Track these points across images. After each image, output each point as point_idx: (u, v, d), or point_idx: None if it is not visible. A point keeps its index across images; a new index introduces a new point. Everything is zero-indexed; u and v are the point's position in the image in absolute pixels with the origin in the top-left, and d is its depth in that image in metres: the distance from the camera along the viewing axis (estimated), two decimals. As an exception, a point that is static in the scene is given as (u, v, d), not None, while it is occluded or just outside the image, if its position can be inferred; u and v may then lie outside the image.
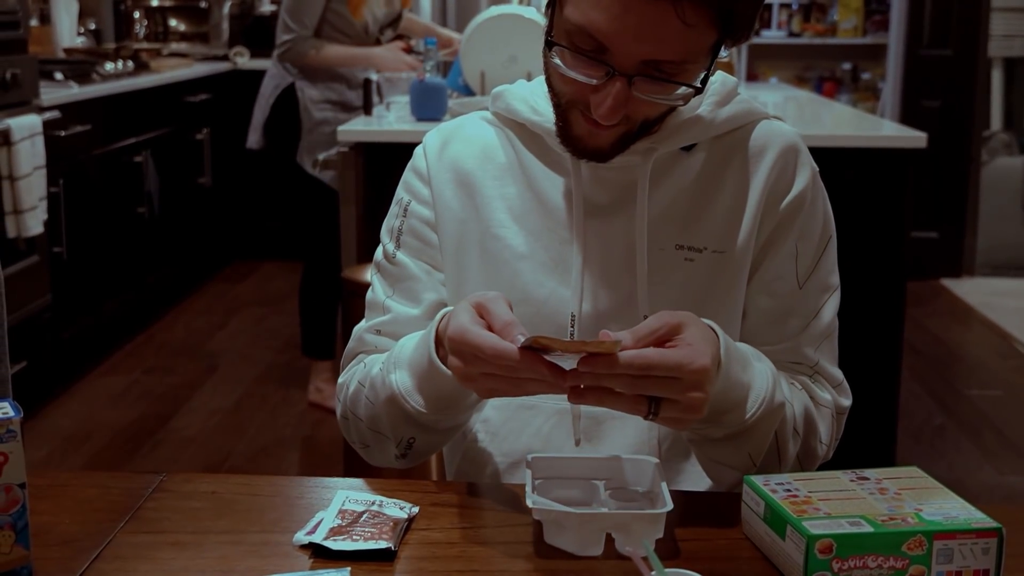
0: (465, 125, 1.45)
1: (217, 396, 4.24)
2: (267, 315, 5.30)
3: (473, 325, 1.12)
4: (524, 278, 1.35)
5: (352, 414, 1.38)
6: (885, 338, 3.27)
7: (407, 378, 1.26)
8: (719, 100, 1.35)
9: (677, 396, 1.10)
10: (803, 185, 1.36)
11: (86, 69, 4.68)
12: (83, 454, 3.69)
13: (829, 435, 1.35)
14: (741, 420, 1.22)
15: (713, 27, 1.18)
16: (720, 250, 1.33)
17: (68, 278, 4.22)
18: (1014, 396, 4.35)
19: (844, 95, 6.76)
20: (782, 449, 1.28)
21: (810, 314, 1.36)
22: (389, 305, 1.41)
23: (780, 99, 4.52)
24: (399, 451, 1.33)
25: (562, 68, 1.22)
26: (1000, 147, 6.37)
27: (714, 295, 1.34)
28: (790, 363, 1.35)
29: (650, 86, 1.20)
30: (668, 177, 1.34)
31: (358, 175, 3.30)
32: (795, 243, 1.35)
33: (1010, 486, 3.54)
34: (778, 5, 6.84)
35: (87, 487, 1.28)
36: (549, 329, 1.32)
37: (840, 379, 1.39)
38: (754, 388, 1.22)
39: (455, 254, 1.39)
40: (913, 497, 1.11)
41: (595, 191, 1.34)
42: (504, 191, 1.38)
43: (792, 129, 1.40)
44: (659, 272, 1.33)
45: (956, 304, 5.64)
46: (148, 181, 4.97)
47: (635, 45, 1.16)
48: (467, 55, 3.60)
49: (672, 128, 1.32)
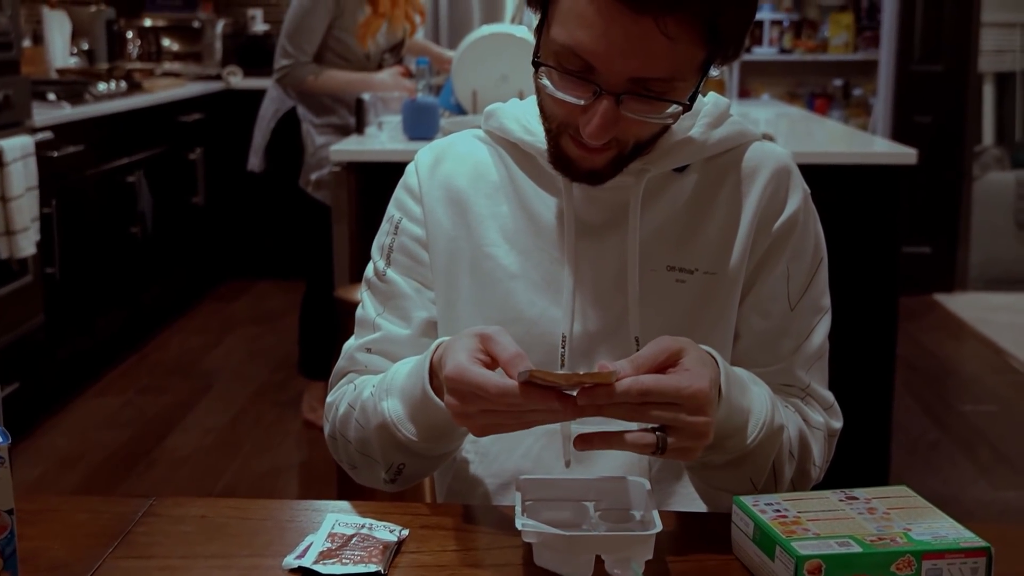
0: (457, 143, 1.44)
1: (211, 416, 4.23)
2: (261, 334, 5.30)
3: (472, 364, 1.11)
4: (516, 297, 1.35)
5: (341, 435, 1.37)
6: (879, 353, 3.28)
7: (399, 406, 1.26)
8: (712, 121, 1.35)
9: (680, 423, 1.09)
10: (795, 207, 1.36)
11: (79, 89, 4.69)
12: (77, 474, 3.68)
13: (822, 458, 1.35)
14: (743, 445, 1.21)
15: (700, 44, 1.17)
16: (712, 271, 1.33)
17: (61, 298, 4.22)
18: (1008, 411, 4.35)
19: (836, 111, 6.78)
20: (779, 473, 1.28)
21: (802, 336, 1.36)
22: (379, 323, 1.40)
23: (772, 116, 4.53)
24: (388, 476, 1.33)
25: (550, 89, 1.22)
26: (992, 162, 6.39)
27: (706, 317, 1.34)
28: (782, 385, 1.35)
29: (638, 104, 1.19)
30: (660, 198, 1.34)
31: (351, 194, 3.31)
32: (787, 264, 1.35)
33: (1005, 501, 3.54)
34: (769, 22, 6.87)
35: (77, 511, 1.27)
36: (540, 349, 1.33)
37: (831, 401, 1.39)
38: (754, 412, 1.22)
39: (446, 272, 1.39)
40: (902, 517, 1.11)
41: (587, 211, 1.34)
42: (496, 210, 1.38)
43: (784, 151, 1.40)
44: (651, 293, 1.33)
45: (949, 319, 5.65)
46: (141, 201, 4.98)
47: (621, 62, 1.16)
48: (459, 74, 3.61)
49: (664, 149, 1.33)
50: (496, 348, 1.13)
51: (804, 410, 1.35)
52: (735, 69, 6.71)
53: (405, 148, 3.28)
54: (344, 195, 3.31)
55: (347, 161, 3.28)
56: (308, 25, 3.93)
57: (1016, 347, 5.07)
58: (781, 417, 1.26)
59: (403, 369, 1.28)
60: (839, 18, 6.79)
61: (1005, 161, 6.45)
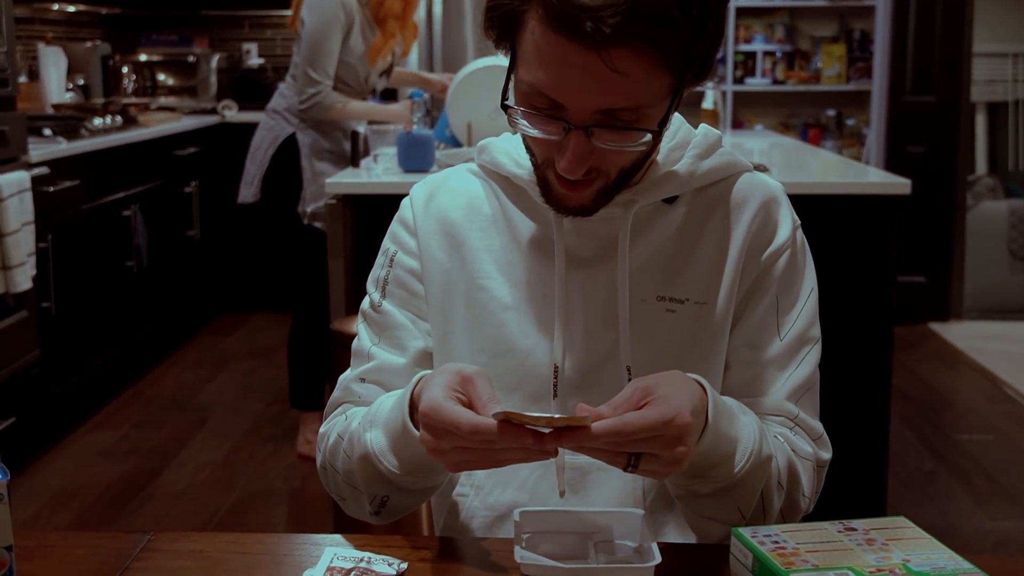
0: (451, 177, 1.46)
1: (206, 450, 4.22)
2: (256, 368, 5.29)
3: (447, 401, 1.12)
4: (509, 329, 1.36)
5: (330, 466, 1.38)
6: (874, 383, 3.28)
7: (382, 438, 1.26)
8: (701, 153, 1.36)
9: (659, 452, 1.09)
10: (784, 237, 1.37)
11: (74, 125, 4.70)
12: (72, 511, 3.67)
13: (811, 488, 1.35)
14: (731, 474, 1.21)
15: (660, 71, 1.17)
16: (702, 301, 1.34)
17: (57, 333, 4.21)
18: (1004, 441, 4.35)
19: (829, 141, 6.81)
20: (767, 503, 1.28)
21: (791, 366, 1.36)
22: (374, 353, 1.41)
23: (766, 146, 4.55)
24: (372, 508, 1.33)
25: (524, 128, 1.24)
26: (985, 191, 6.42)
27: (697, 346, 1.34)
28: (770, 415, 1.35)
29: (609, 135, 1.20)
30: (650, 229, 1.35)
31: (346, 227, 3.31)
32: (776, 295, 1.36)
33: (1002, 532, 3.53)
34: (762, 53, 6.90)
35: (75, 547, 1.27)
36: (533, 380, 1.34)
37: (820, 432, 1.38)
38: (741, 441, 1.22)
39: (441, 305, 1.40)
40: (901, 548, 1.11)
41: (578, 243, 1.35)
42: (490, 243, 1.39)
43: (775, 182, 1.41)
44: (641, 323, 1.33)
45: (944, 348, 5.66)
46: (137, 235, 4.98)
47: (582, 97, 1.17)
48: (454, 107, 3.62)
49: (653, 180, 1.34)
50: (473, 390, 1.14)
51: (793, 440, 1.34)
52: (728, 100, 6.74)
53: (400, 180, 3.29)
54: (339, 227, 3.31)
55: (342, 194, 3.29)
56: (327, 49, 3.96)
57: (1011, 376, 5.08)
58: (769, 447, 1.25)
59: (388, 401, 1.28)
60: (831, 49, 6.83)
61: (998, 190, 6.47)
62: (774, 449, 1.28)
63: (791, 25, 6.95)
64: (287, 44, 6.75)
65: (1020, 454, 4.21)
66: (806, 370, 1.37)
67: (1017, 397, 4.83)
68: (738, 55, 6.87)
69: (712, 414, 1.17)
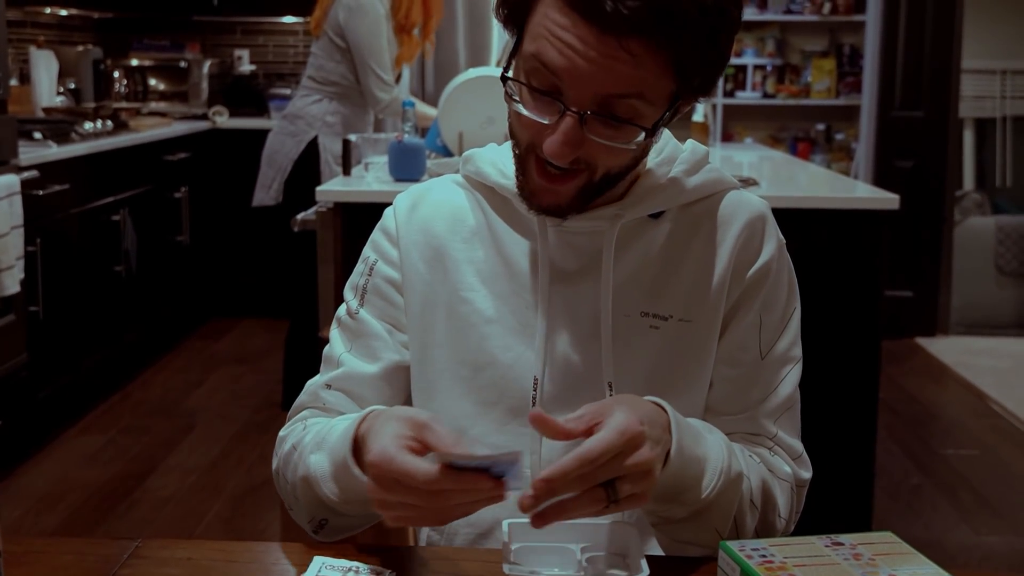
0: (435, 188, 1.46)
1: (194, 455, 4.21)
2: (244, 373, 5.28)
3: (399, 451, 1.07)
4: (491, 342, 1.36)
5: (282, 473, 1.37)
6: (861, 397, 3.29)
7: (325, 464, 1.24)
8: (688, 169, 1.37)
9: (624, 469, 1.07)
10: (769, 256, 1.37)
11: (65, 129, 4.69)
12: (58, 514, 3.66)
13: (788, 509, 1.35)
14: (699, 497, 1.21)
15: (666, 73, 1.19)
16: (686, 319, 1.34)
17: (45, 337, 4.20)
18: (990, 455, 4.36)
19: (818, 155, 6.83)
20: (739, 523, 1.28)
21: (771, 386, 1.36)
22: (344, 359, 1.41)
23: (755, 159, 4.56)
24: (311, 527, 1.32)
25: (518, 107, 1.24)
26: (972, 207, 6.44)
27: (680, 363, 1.34)
28: (749, 434, 1.36)
29: (603, 128, 1.20)
30: (635, 244, 1.35)
31: (336, 234, 3.31)
32: (759, 314, 1.36)
33: (987, 546, 3.54)
34: (752, 67, 6.93)
35: (63, 553, 1.27)
36: (514, 393, 1.34)
37: (800, 451, 1.38)
38: (710, 461, 1.22)
39: (420, 316, 1.40)
40: (887, 563, 1.12)
41: (562, 256, 1.35)
42: (472, 255, 1.39)
43: (761, 200, 1.41)
44: (624, 339, 1.33)
45: (931, 363, 5.67)
46: (126, 239, 4.98)
47: (586, 78, 1.17)
48: (445, 116, 3.63)
49: (639, 195, 1.34)
50: (432, 435, 1.10)
51: (770, 460, 1.34)
52: (719, 113, 6.76)
53: (391, 189, 3.29)
54: (330, 235, 3.31)
55: (333, 202, 3.29)
56: (383, 47, 4.04)
57: (997, 391, 5.09)
58: (740, 464, 1.25)
59: (339, 426, 1.25)
60: (821, 64, 6.85)
61: (985, 206, 6.50)
62: (746, 468, 1.28)
63: (782, 39, 6.98)
64: (279, 51, 6.76)
65: (1006, 469, 4.23)
66: (786, 390, 1.37)
67: (1003, 412, 4.85)
68: (728, 68, 6.88)
69: (676, 435, 1.16)
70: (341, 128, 4.16)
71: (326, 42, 4.19)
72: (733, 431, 1.34)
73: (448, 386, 1.37)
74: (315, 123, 4.11)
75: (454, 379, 1.37)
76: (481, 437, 1.36)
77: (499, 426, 1.36)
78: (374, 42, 4.00)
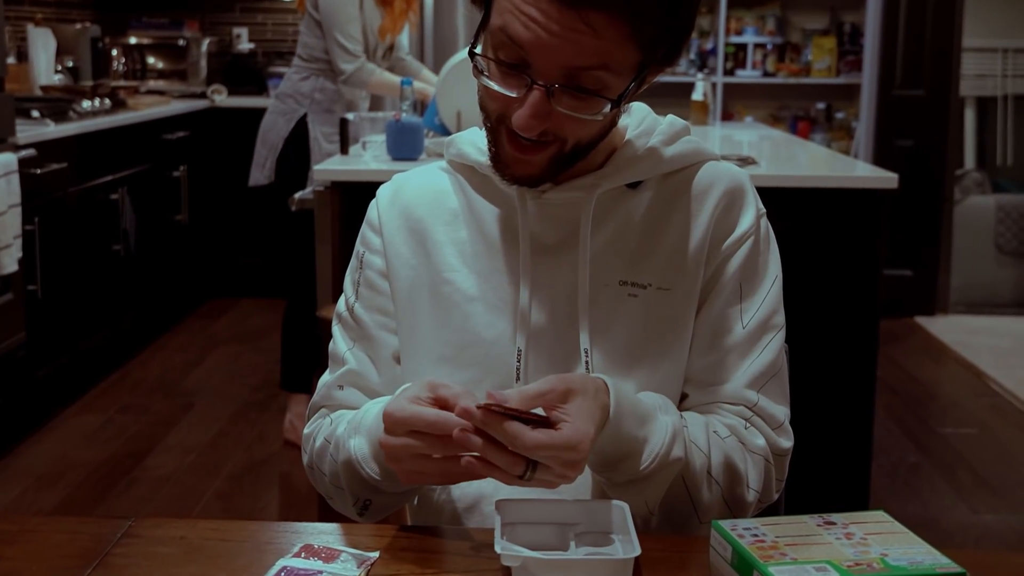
0: (417, 174, 1.49)
1: (192, 434, 4.22)
2: (243, 353, 5.29)
3: (410, 403, 1.15)
4: (475, 320, 1.37)
5: (317, 467, 1.41)
6: (859, 376, 3.29)
7: (364, 445, 1.29)
8: (666, 139, 1.38)
9: (553, 465, 1.13)
10: (747, 225, 1.37)
11: (63, 107, 4.68)
12: (57, 493, 3.67)
13: (760, 481, 1.35)
14: (636, 470, 1.25)
15: (631, 44, 1.20)
16: (665, 287, 1.35)
17: (43, 316, 4.21)
18: (988, 434, 4.37)
19: (818, 134, 6.82)
20: (694, 496, 1.30)
21: (753, 354, 1.37)
22: (348, 358, 1.44)
23: (755, 138, 4.55)
24: (356, 509, 1.36)
25: (486, 81, 1.25)
26: (973, 186, 6.43)
27: (658, 331, 1.35)
28: (729, 404, 1.36)
29: (570, 100, 1.22)
30: (614, 214, 1.37)
31: (334, 214, 3.31)
32: (739, 283, 1.37)
33: (984, 525, 3.55)
34: (752, 45, 6.90)
35: (56, 532, 1.27)
36: (499, 369, 1.36)
37: (781, 420, 1.38)
38: (650, 442, 1.25)
39: (407, 300, 1.41)
40: (879, 542, 1.12)
41: (542, 229, 1.37)
42: (455, 235, 1.41)
43: (740, 170, 1.42)
44: (603, 308, 1.35)
45: (930, 342, 5.68)
46: (124, 219, 4.97)
47: (551, 52, 1.19)
48: (443, 95, 3.62)
49: (617, 165, 1.36)
50: (445, 389, 1.16)
51: (743, 434, 1.35)
52: (718, 92, 6.74)
53: (389, 168, 3.28)
54: (327, 215, 3.31)
55: (331, 181, 3.28)
56: (352, 15, 4.04)
57: (996, 370, 5.10)
58: (680, 450, 1.27)
59: (373, 409, 1.31)
60: (822, 42, 6.83)
61: (986, 185, 6.49)
62: (707, 447, 1.30)
63: (782, 17, 6.95)
64: (278, 29, 6.74)
65: (1003, 448, 4.24)
66: (768, 357, 1.37)
67: (1001, 391, 4.85)
68: (729, 47, 6.87)
69: (614, 416, 1.20)
70: (329, 105, 4.15)
71: (308, 18, 4.18)
72: (713, 400, 1.36)
73: (434, 367, 1.38)
74: (304, 101, 4.11)
75: (440, 360, 1.38)
76: None
77: None
78: (340, 11, 4.01)
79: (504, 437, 1.11)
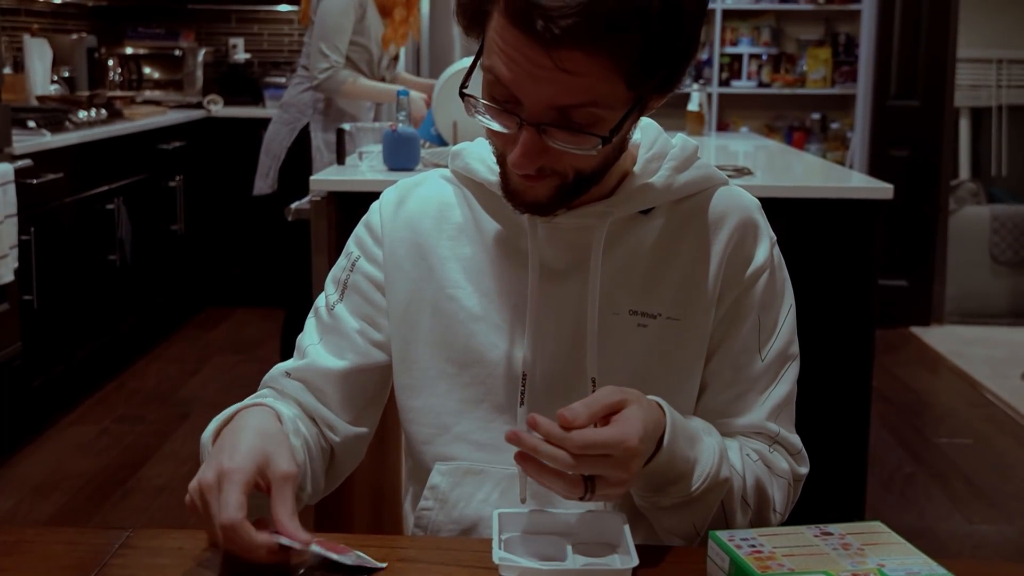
0: (423, 183, 1.45)
1: (188, 444, 4.21)
2: (239, 362, 5.28)
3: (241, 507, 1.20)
4: (478, 339, 1.36)
5: None
6: (854, 386, 3.29)
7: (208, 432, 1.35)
8: (678, 165, 1.35)
9: (607, 474, 1.12)
10: (764, 256, 1.37)
11: (59, 117, 4.68)
12: (52, 503, 3.66)
13: (784, 504, 1.36)
14: (687, 492, 1.24)
15: (616, 78, 1.16)
16: (675, 317, 1.34)
17: (39, 326, 4.20)
18: (983, 444, 4.37)
19: (814, 144, 6.83)
20: (730, 519, 1.30)
21: (772, 385, 1.37)
22: (310, 351, 1.42)
23: (750, 148, 4.56)
24: None
25: (480, 118, 1.24)
26: (968, 196, 6.45)
27: (666, 362, 1.34)
28: (751, 433, 1.36)
29: (562, 135, 1.19)
30: (625, 241, 1.34)
31: (330, 224, 3.31)
32: (757, 315, 1.36)
33: (980, 535, 3.55)
34: (748, 56, 6.92)
35: (54, 543, 1.27)
36: (501, 390, 1.34)
37: (799, 447, 1.39)
38: (700, 462, 1.24)
39: (404, 315, 1.39)
40: (876, 552, 1.12)
41: (551, 253, 1.34)
42: (459, 251, 1.38)
43: (752, 197, 1.41)
44: (611, 336, 1.33)
45: (925, 352, 5.68)
46: (121, 228, 4.97)
47: (535, 93, 1.17)
48: (440, 106, 3.62)
49: (629, 192, 1.33)
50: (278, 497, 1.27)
51: (769, 458, 1.35)
52: (714, 102, 6.75)
53: (386, 178, 3.28)
54: (324, 225, 3.31)
55: (327, 191, 3.28)
56: (341, 25, 4.03)
57: (991, 380, 5.10)
58: (727, 470, 1.27)
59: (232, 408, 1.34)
60: (817, 53, 6.84)
61: (980, 195, 6.50)
62: (741, 469, 1.30)
63: (777, 28, 6.97)
64: (274, 39, 6.75)
65: (999, 458, 4.24)
66: (785, 388, 1.38)
67: (996, 401, 4.86)
68: (724, 57, 6.88)
69: (669, 435, 1.19)
70: (332, 116, 4.17)
71: (310, 30, 4.20)
72: (735, 432, 1.35)
73: (432, 384, 1.37)
74: (306, 111, 4.13)
75: (439, 376, 1.37)
76: (465, 435, 1.36)
77: (484, 424, 1.36)
78: (330, 19, 4.03)
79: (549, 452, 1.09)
